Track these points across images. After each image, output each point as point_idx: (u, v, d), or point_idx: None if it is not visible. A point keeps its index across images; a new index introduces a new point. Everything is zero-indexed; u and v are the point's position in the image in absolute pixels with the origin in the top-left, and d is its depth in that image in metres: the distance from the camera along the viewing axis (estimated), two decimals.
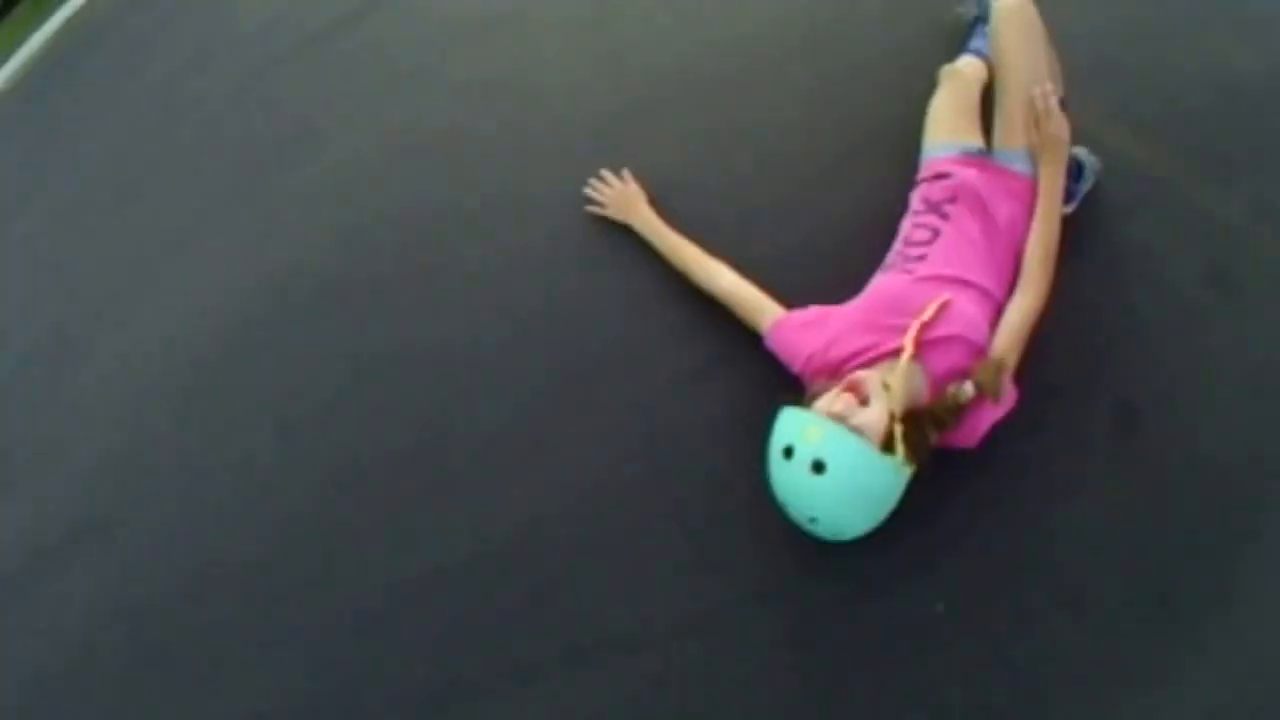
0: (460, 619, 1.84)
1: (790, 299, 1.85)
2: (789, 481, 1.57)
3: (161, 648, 1.93)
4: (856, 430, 1.53)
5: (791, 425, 1.58)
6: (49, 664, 1.99)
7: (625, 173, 2.16)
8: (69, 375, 2.39)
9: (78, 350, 2.44)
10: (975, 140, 1.92)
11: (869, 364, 1.67)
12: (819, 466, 1.51)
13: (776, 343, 1.82)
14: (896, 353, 1.65)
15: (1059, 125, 1.77)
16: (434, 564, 1.90)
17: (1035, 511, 1.75)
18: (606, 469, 1.93)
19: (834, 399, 1.56)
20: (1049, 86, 1.77)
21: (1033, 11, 1.84)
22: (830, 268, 1.93)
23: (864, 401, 1.56)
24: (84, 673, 1.95)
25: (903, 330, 1.66)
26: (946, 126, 1.98)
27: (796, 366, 1.77)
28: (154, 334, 2.37)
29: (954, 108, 2.00)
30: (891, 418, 1.56)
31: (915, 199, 1.90)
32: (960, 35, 2.23)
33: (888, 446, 1.55)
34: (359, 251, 2.33)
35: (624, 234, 2.10)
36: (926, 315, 1.66)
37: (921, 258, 1.77)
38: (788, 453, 1.55)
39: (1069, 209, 1.99)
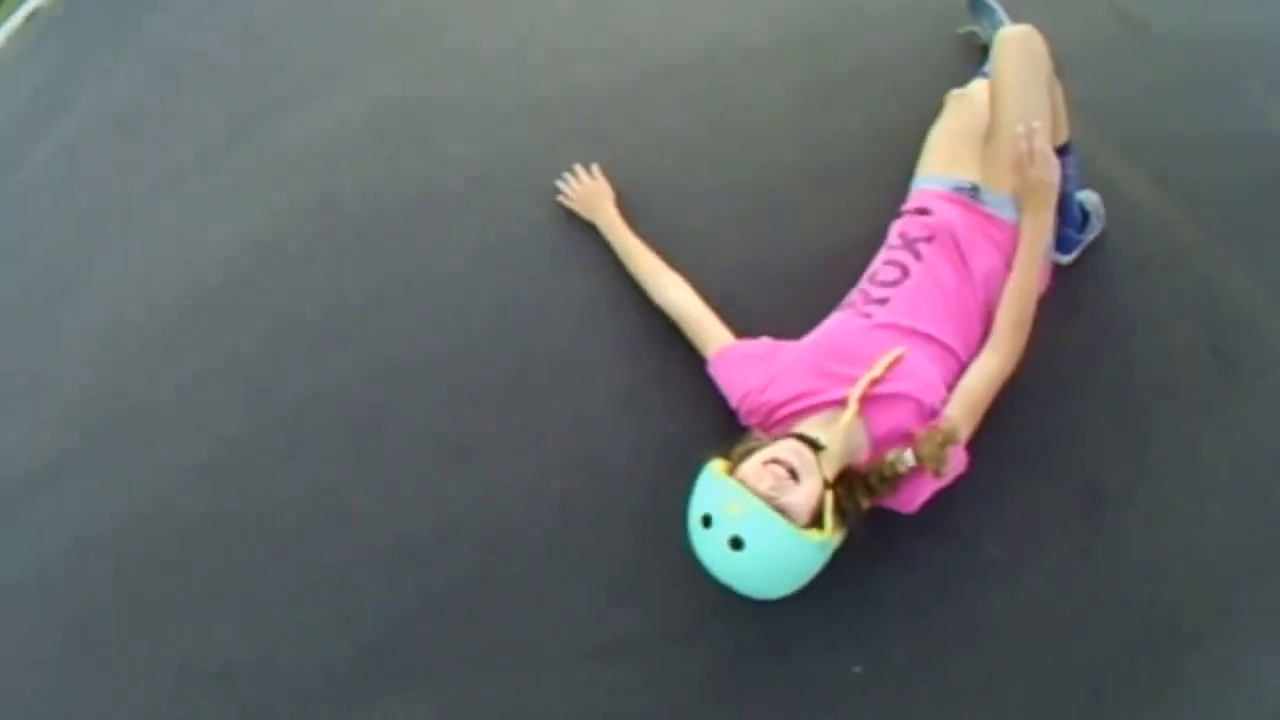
0: (371, 609, 1.79)
1: (744, 320, 1.74)
2: (706, 549, 1.48)
3: (106, 583, 1.91)
4: (782, 509, 1.41)
5: (712, 494, 1.47)
6: (12, 586, 1.97)
7: (595, 169, 2.04)
8: (59, 311, 2.35)
9: (70, 287, 2.39)
10: (970, 175, 1.75)
11: (807, 411, 1.55)
12: (737, 543, 1.41)
13: (717, 371, 1.71)
14: (837, 404, 1.53)
15: (1045, 169, 1.60)
16: (355, 548, 1.84)
17: (976, 587, 1.66)
18: (532, 480, 1.84)
19: (761, 472, 1.43)
20: (1035, 125, 1.60)
21: (1038, 42, 1.67)
22: (794, 292, 1.82)
23: (794, 475, 1.43)
24: (42, 598, 1.94)
25: (848, 380, 1.54)
26: (941, 156, 1.82)
27: (733, 401, 1.66)
28: (137, 280, 2.30)
29: (954, 136, 1.84)
30: (824, 486, 1.44)
31: (893, 232, 1.75)
32: (978, 56, 2.06)
33: (817, 519, 1.44)
34: (331, 219, 2.24)
35: (587, 231, 1.99)
36: (876, 372, 1.52)
37: (884, 301, 1.64)
38: (706, 521, 1.45)
39: (1068, 259, 1.85)
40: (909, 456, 1.47)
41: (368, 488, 1.89)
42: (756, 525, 1.40)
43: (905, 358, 1.55)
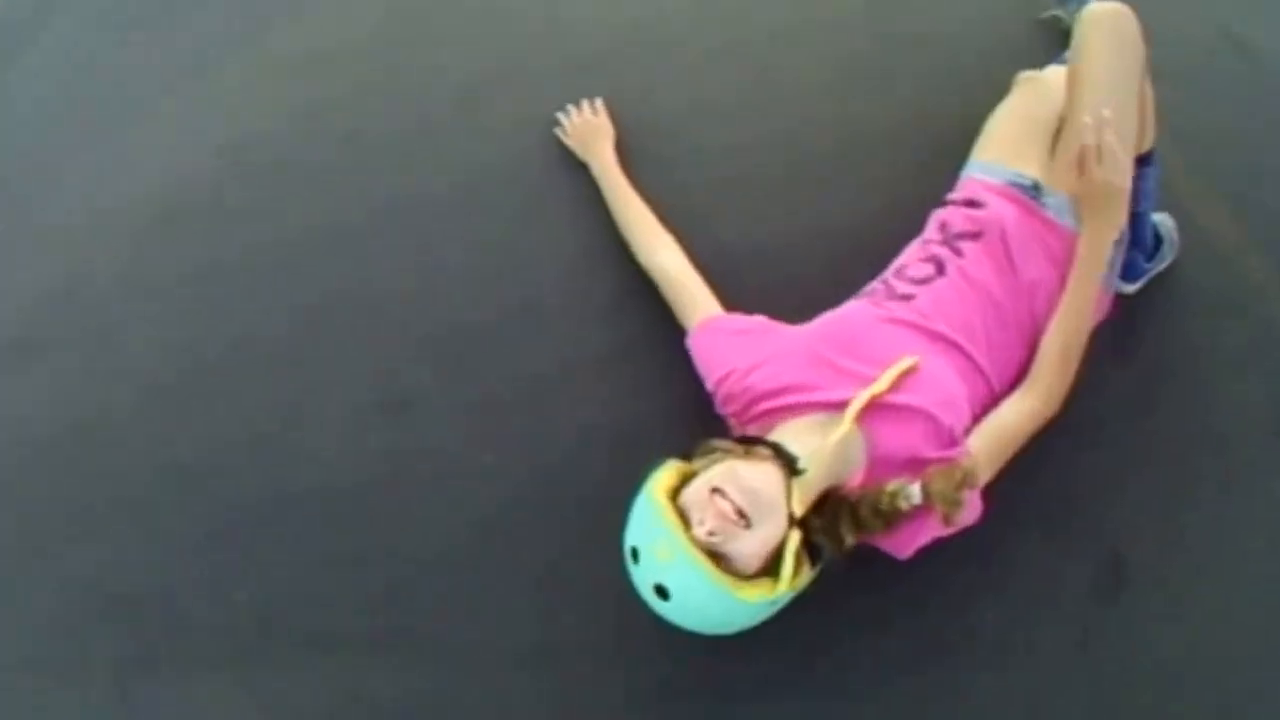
0: (276, 564, 1.60)
1: (740, 298, 1.49)
2: (635, 581, 1.23)
3: (30, 486, 1.73)
4: (725, 556, 1.16)
5: (643, 526, 1.21)
6: None
7: (599, 103, 1.77)
8: (34, 205, 2.18)
9: (47, 181, 2.21)
10: (1031, 171, 1.47)
11: (795, 410, 1.29)
12: (661, 592, 1.17)
13: (698, 345, 1.45)
14: (833, 406, 1.26)
15: (1113, 170, 1.31)
16: (271, 493, 1.65)
17: (957, 660, 1.41)
18: (467, 447, 1.61)
19: (705, 505, 1.16)
20: (1105, 114, 1.31)
21: (1132, 25, 1.39)
22: (802, 275, 1.56)
23: (744, 517, 1.15)
24: None
25: (851, 378, 1.27)
26: (1000, 144, 1.53)
27: (710, 382, 1.40)
28: (118, 178, 2.12)
29: (1018, 123, 1.55)
30: (790, 523, 1.18)
31: (932, 221, 1.48)
32: (1059, 44, 1.78)
33: (774, 561, 1.18)
34: (313, 133, 2.01)
35: (580, 173, 1.72)
36: (880, 386, 1.25)
37: (908, 298, 1.37)
38: (634, 555, 1.21)
39: (1131, 288, 1.58)
40: (915, 491, 1.20)
41: (297, 428, 1.69)
42: (684, 579, 1.15)
43: (922, 367, 1.28)
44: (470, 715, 1.51)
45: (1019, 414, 1.31)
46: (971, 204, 1.45)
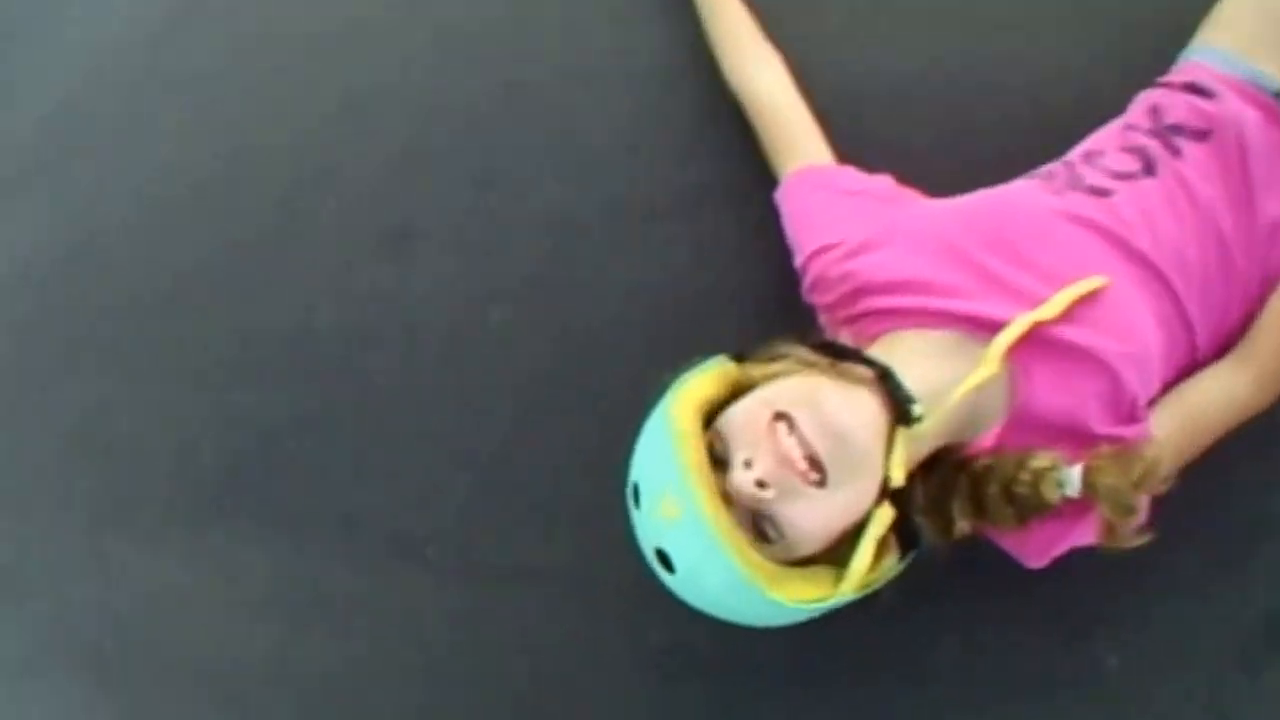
0: (247, 413, 1.39)
1: (856, 160, 1.10)
2: (636, 531, 0.88)
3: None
4: (774, 524, 0.80)
5: (650, 456, 0.86)
6: None
7: None
8: (52, 27, 1.84)
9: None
10: (1276, 74, 1.06)
11: (916, 318, 0.92)
12: (664, 559, 0.83)
13: (791, 199, 1.07)
14: (976, 324, 0.89)
15: None
16: (250, 332, 1.41)
17: (1059, 705, 1.12)
18: (471, 295, 1.30)
19: (758, 435, 0.80)
20: None
21: None
22: (950, 140, 1.16)
23: (819, 470, 0.79)
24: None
25: (1004, 289, 0.90)
26: (1238, 32, 1.11)
27: (801, 255, 1.03)
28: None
29: (1262, 15, 1.11)
30: (884, 492, 0.82)
31: (1138, 104, 1.08)
32: None
33: (843, 544, 0.83)
34: None
35: None
36: (1051, 309, 0.86)
37: (1102, 192, 0.97)
38: (635, 495, 0.86)
39: None
40: (1074, 477, 0.84)
41: (285, 258, 1.41)
42: (694, 552, 0.81)
43: (1111, 294, 0.90)
44: (419, 628, 1.28)
45: (1223, 398, 0.94)
46: (1197, 91, 1.05)
